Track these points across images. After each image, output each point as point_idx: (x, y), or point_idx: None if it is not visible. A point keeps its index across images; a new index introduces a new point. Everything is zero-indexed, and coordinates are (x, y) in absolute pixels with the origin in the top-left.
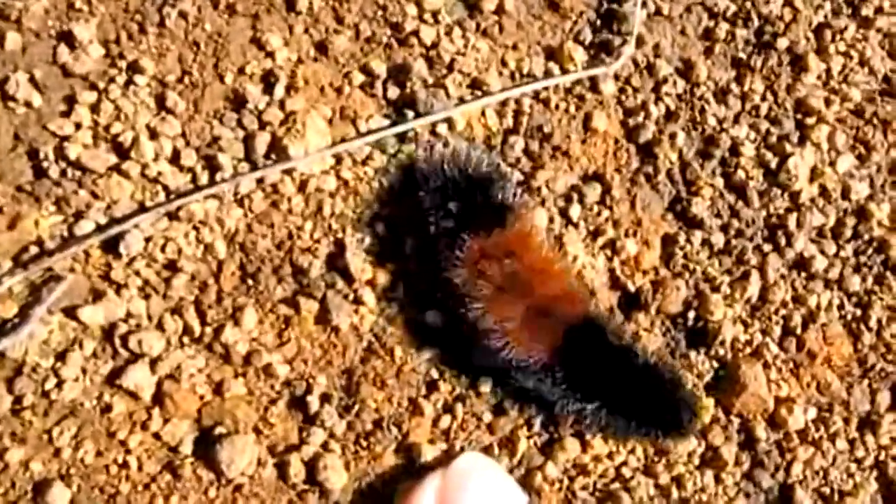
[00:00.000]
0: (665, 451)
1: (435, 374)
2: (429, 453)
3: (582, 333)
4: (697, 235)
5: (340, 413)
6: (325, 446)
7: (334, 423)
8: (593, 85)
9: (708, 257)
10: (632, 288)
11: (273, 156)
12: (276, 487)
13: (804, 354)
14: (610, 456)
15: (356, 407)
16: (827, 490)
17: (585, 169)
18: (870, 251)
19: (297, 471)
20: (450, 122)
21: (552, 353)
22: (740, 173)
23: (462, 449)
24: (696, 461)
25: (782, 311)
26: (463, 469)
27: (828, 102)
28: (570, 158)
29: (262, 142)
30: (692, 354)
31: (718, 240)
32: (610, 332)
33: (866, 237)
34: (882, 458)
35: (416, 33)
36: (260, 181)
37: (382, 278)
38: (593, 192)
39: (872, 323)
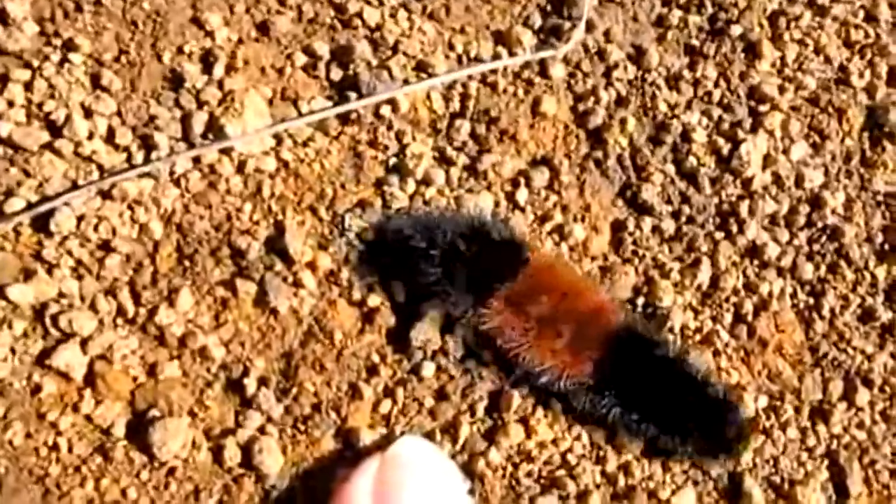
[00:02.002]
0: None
1: (376, 358)
2: (368, 438)
3: (624, 342)
4: (647, 222)
5: (278, 397)
6: (261, 430)
7: (271, 406)
8: (542, 70)
9: (658, 244)
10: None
11: (210, 136)
12: (211, 471)
13: (755, 342)
14: (555, 442)
15: (294, 391)
16: (777, 479)
17: (533, 154)
18: (823, 239)
19: (232, 454)
20: (393, 103)
21: (598, 367)
22: (692, 160)
23: (402, 434)
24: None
25: (733, 299)
26: (401, 454)
27: (782, 90)
28: (517, 143)
29: (199, 121)
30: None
31: (669, 226)
32: (651, 337)
33: (820, 225)
34: (833, 447)
35: (359, 14)
36: (197, 161)
37: (323, 261)
38: (541, 176)
39: (825, 311)
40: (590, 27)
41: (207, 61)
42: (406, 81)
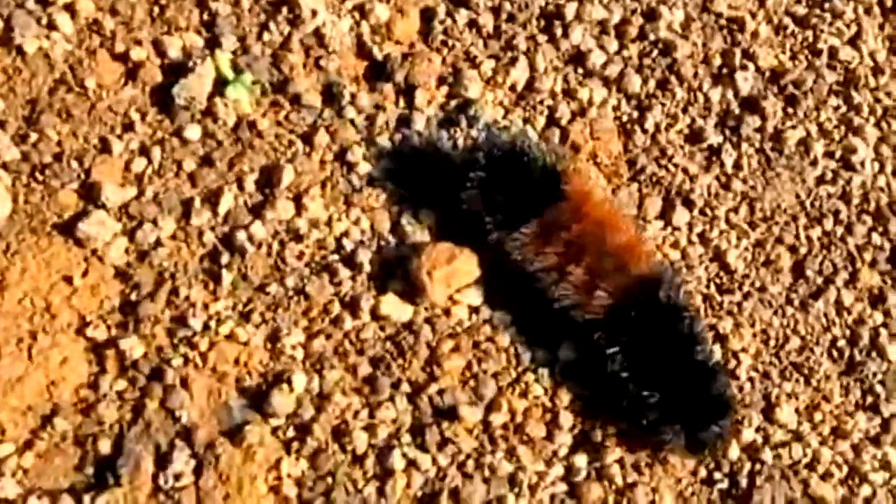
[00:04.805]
0: None
1: (135, 115)
2: (114, 195)
3: (645, 292)
4: (463, 14)
5: (16, 142)
6: None
7: (4, 148)
8: None
9: (473, 38)
10: (379, 56)
11: None
12: None
13: (567, 146)
14: (329, 223)
15: (35, 137)
16: None
17: None
18: (655, 53)
19: None
20: None
21: (613, 308)
22: None
23: (155, 196)
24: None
25: (549, 102)
26: None
27: None
28: None
29: None
30: (444, 134)
31: (487, 21)
32: (671, 293)
33: (652, 38)
34: None
35: None
36: None
37: (86, 6)
38: None
39: (649, 125)
40: None
41: None
42: None
